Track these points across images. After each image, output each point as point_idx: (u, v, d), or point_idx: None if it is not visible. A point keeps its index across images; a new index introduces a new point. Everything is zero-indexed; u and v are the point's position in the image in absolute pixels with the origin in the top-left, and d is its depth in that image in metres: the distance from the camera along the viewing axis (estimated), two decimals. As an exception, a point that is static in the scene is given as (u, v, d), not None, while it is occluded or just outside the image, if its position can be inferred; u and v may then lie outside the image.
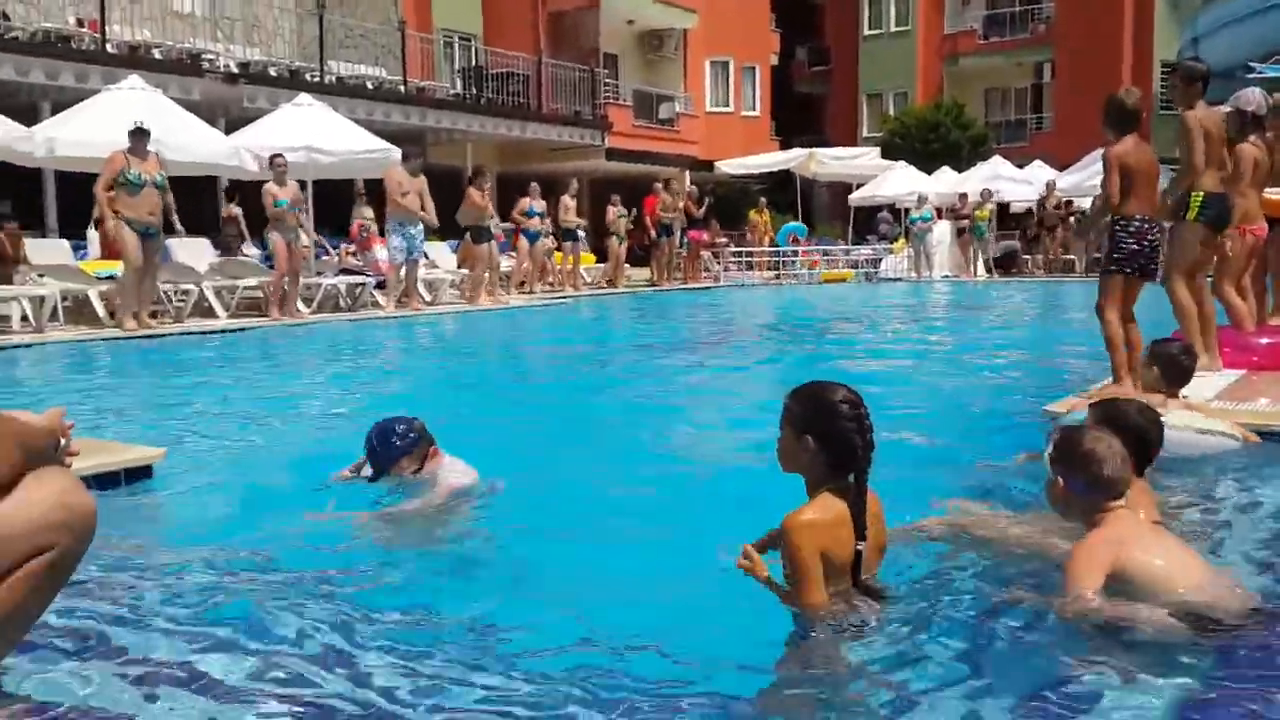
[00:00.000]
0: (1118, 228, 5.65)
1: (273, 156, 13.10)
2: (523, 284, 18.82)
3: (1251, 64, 26.20)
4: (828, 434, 2.63)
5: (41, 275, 12.39)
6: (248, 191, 15.51)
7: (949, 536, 3.27)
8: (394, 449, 4.08)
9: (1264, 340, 6.95)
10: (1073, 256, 23.72)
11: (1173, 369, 4.30)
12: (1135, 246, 5.63)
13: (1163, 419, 3.13)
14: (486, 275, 16.08)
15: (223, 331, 11.96)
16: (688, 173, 29.24)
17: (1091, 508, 2.78)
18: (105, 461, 4.30)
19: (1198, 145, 6.21)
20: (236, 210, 16.59)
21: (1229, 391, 5.87)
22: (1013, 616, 2.73)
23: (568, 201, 19.38)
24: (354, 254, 17.06)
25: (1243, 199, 6.70)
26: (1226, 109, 6.65)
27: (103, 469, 4.20)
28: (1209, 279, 6.90)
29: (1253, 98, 6.71)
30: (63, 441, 2.11)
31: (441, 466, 4.16)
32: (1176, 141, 6.33)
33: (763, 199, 26.91)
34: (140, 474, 4.46)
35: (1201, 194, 6.41)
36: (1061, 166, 26.00)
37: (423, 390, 8.18)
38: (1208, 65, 6.76)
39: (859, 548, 2.61)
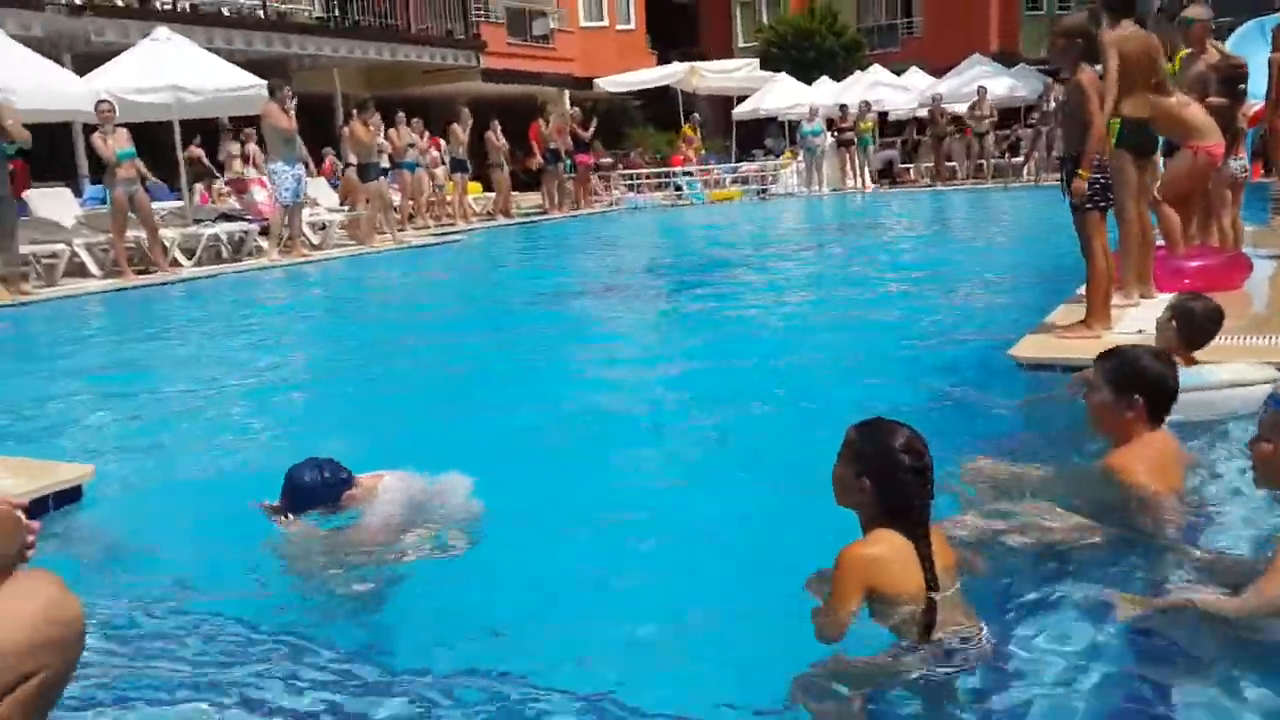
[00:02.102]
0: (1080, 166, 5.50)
1: (99, 102, 11.99)
2: (411, 218, 18.10)
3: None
4: (886, 481, 2.49)
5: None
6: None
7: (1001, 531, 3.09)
8: (313, 500, 3.53)
9: (1194, 263, 7.00)
10: (954, 164, 23.99)
11: (1191, 328, 4.09)
12: (1104, 180, 5.53)
13: (1213, 373, 2.93)
14: (380, 214, 15.37)
15: (101, 293, 11.13)
16: (567, 93, 28.50)
17: None
18: (31, 488, 3.82)
19: (1111, 65, 6.03)
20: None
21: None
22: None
23: (458, 130, 18.65)
24: (228, 195, 16.12)
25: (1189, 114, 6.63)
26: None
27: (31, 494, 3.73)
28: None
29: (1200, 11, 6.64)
30: (29, 538, 1.77)
31: (372, 499, 3.59)
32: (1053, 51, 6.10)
33: (695, 115, 26.45)
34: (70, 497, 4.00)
35: (1119, 120, 6.30)
36: (934, 71, 26.17)
37: (329, 355, 7.69)
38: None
39: (933, 597, 2.42)
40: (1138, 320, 5.93)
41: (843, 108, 23.38)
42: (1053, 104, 22.53)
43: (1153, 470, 3.14)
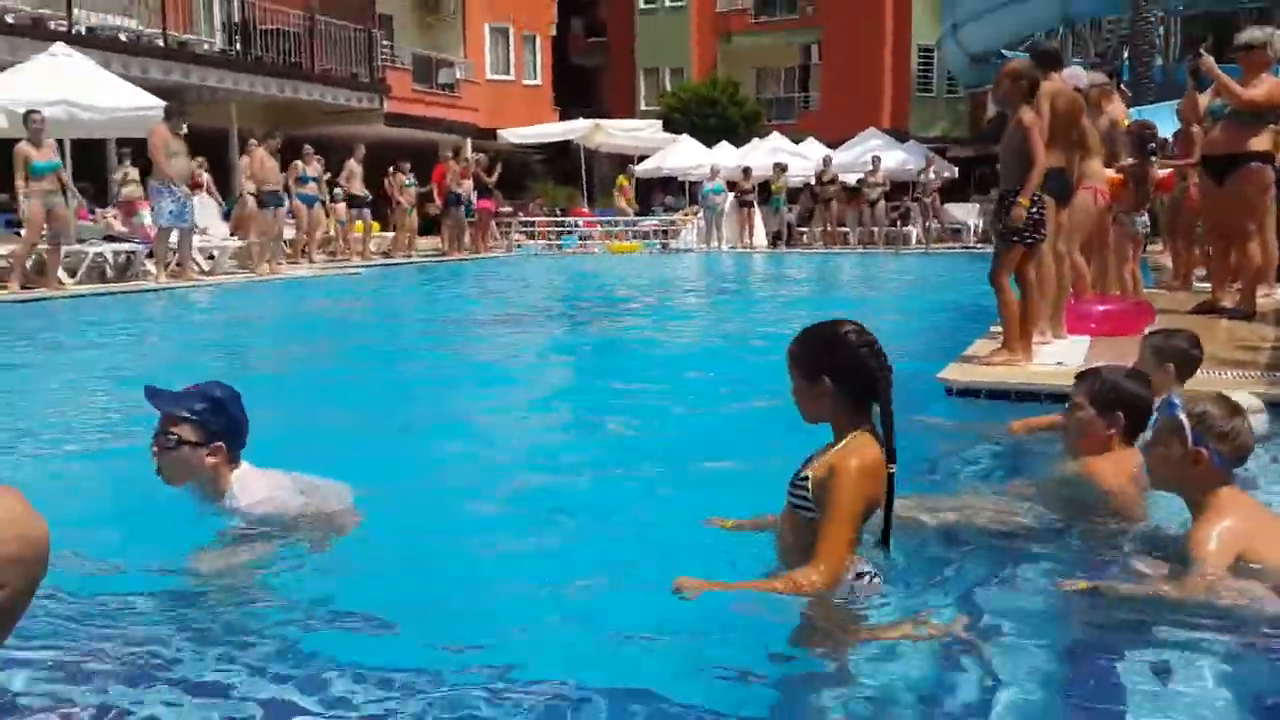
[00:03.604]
0: (1016, 201, 5.62)
1: (28, 113, 11.56)
2: (302, 252, 17.62)
3: (1004, 52, 28.06)
4: (844, 369, 2.50)
5: None
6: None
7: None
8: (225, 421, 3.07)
9: (1101, 308, 7.20)
10: (847, 229, 24.62)
11: (1186, 363, 4.18)
12: (1038, 217, 5.66)
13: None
14: (271, 244, 14.92)
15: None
16: (469, 140, 28.40)
17: (1218, 481, 2.71)
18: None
19: (1045, 110, 6.22)
20: None
21: (1095, 356, 6.00)
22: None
23: (355, 167, 18.33)
24: (116, 218, 15.45)
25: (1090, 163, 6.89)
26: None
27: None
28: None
29: (1081, 76, 6.91)
30: None
31: (236, 486, 3.14)
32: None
33: (632, 165, 26.55)
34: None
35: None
36: (828, 143, 26.96)
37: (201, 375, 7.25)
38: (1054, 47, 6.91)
39: (891, 470, 2.49)
40: (1053, 355, 6.06)
41: (745, 170, 23.83)
42: (932, 175, 23.58)
43: (1124, 478, 3.20)
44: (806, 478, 2.51)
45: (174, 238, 13.19)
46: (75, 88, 12.93)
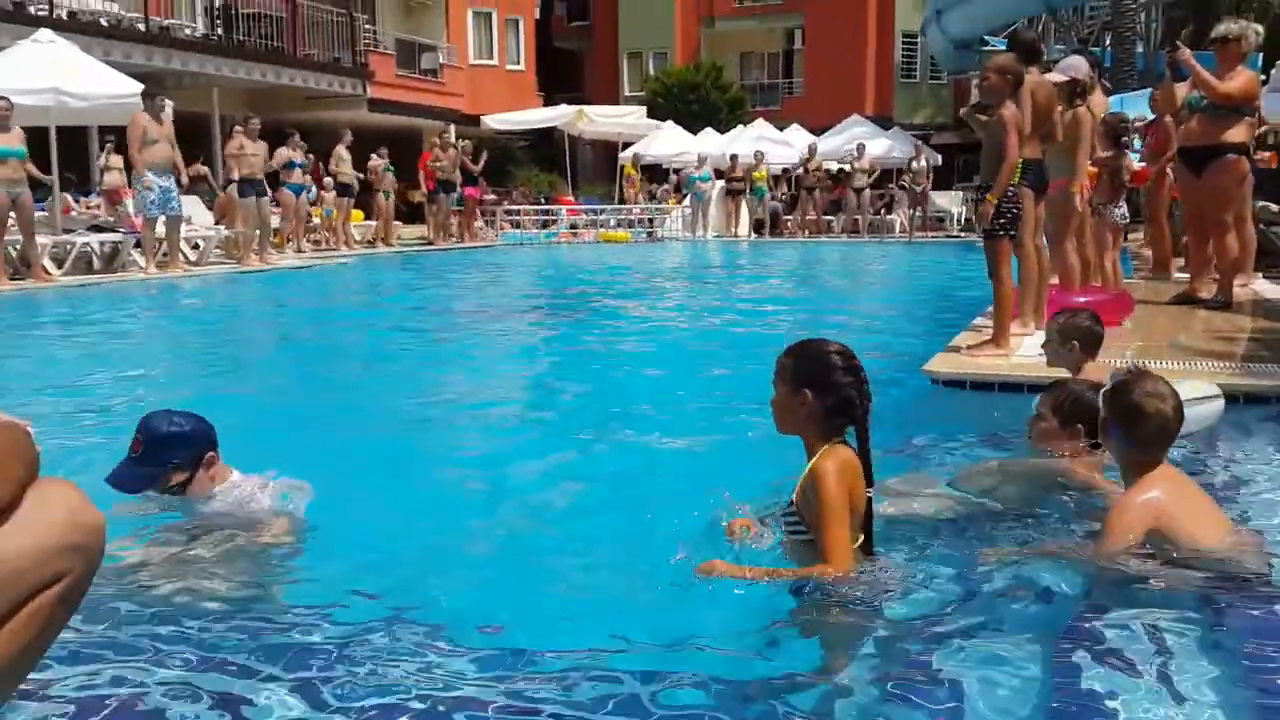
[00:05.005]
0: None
1: None
2: (288, 241, 17.60)
3: (987, 38, 28.16)
4: (825, 385, 2.63)
5: None
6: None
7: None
8: (173, 449, 3.07)
9: (1083, 299, 7.31)
10: (830, 218, 24.75)
11: (1090, 339, 4.35)
12: (1015, 211, 5.77)
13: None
14: (258, 233, 14.90)
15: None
16: (453, 127, 28.33)
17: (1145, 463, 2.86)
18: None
19: (1027, 104, 6.33)
20: None
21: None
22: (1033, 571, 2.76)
23: (343, 153, 18.30)
24: (99, 207, 15.42)
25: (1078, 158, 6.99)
26: (1059, 78, 6.89)
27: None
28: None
29: (1083, 67, 7.01)
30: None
31: (226, 488, 3.19)
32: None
33: (636, 154, 26.52)
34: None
35: (1022, 160, 6.61)
36: (813, 130, 27.05)
37: (199, 371, 7.28)
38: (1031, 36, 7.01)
39: (869, 494, 2.65)
40: (1035, 346, 6.17)
41: (733, 158, 23.85)
42: (923, 163, 23.69)
43: (1089, 468, 3.41)
44: (792, 502, 2.67)
45: (161, 227, 13.14)
46: (63, 75, 12.84)
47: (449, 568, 3.09)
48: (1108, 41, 25.99)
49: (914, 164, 23.70)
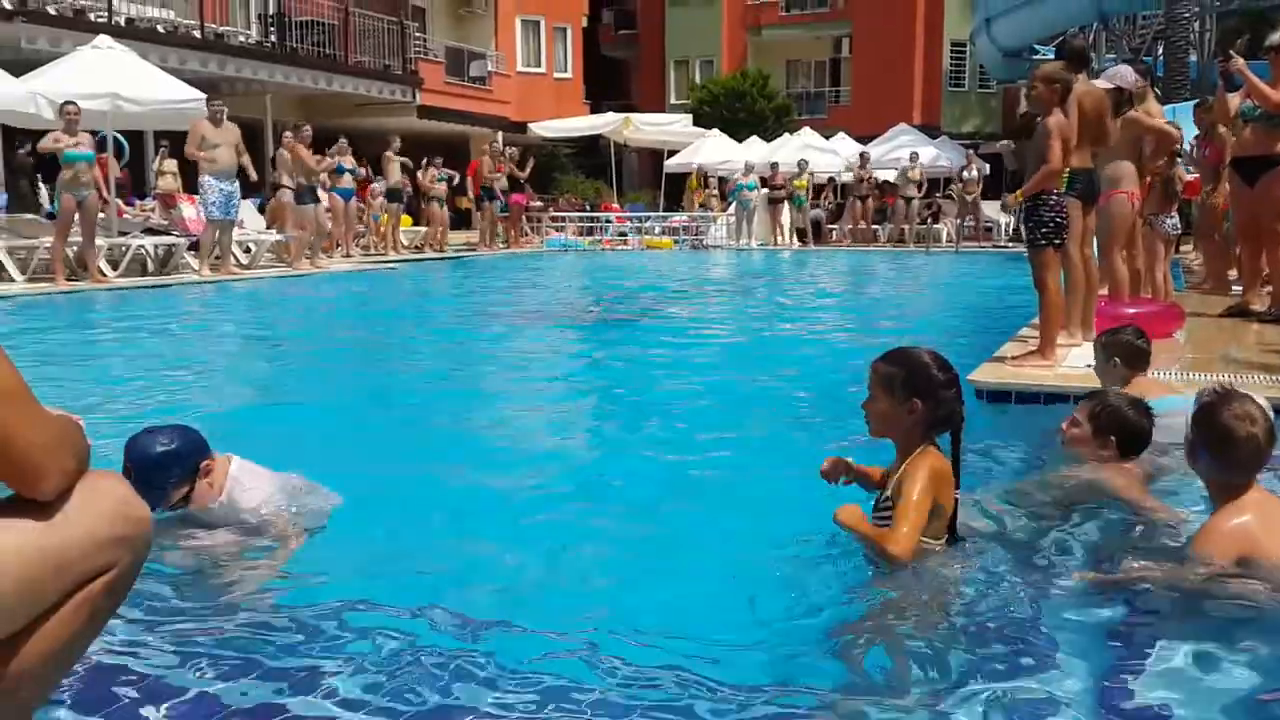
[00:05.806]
0: (1039, 203, 5.71)
1: (64, 104, 11.77)
2: (337, 245, 17.83)
3: (1037, 47, 27.88)
4: (933, 395, 2.76)
5: None
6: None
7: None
8: (168, 468, 2.97)
9: (1131, 310, 7.23)
10: (876, 227, 24.63)
11: (1130, 353, 4.32)
12: (1060, 220, 5.73)
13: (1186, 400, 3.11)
14: (311, 238, 15.13)
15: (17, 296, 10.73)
16: (500, 134, 28.58)
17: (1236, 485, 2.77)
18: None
19: (1073, 113, 6.28)
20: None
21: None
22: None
23: (394, 160, 18.55)
24: (152, 210, 15.73)
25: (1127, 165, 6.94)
26: (1104, 85, 6.84)
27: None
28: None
29: (1129, 76, 6.95)
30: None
31: (232, 489, 3.09)
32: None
33: (699, 164, 26.57)
34: None
35: (1069, 170, 6.56)
36: (859, 139, 26.92)
37: (249, 366, 7.45)
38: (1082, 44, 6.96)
39: (957, 496, 2.80)
40: (1082, 358, 6.12)
41: (774, 166, 23.82)
42: (974, 173, 23.50)
43: (1132, 483, 3.39)
44: (887, 495, 2.80)
45: (217, 230, 13.40)
46: (121, 81, 13.14)
47: (483, 567, 3.12)
48: (1160, 51, 25.63)
49: (965, 173, 23.49)
